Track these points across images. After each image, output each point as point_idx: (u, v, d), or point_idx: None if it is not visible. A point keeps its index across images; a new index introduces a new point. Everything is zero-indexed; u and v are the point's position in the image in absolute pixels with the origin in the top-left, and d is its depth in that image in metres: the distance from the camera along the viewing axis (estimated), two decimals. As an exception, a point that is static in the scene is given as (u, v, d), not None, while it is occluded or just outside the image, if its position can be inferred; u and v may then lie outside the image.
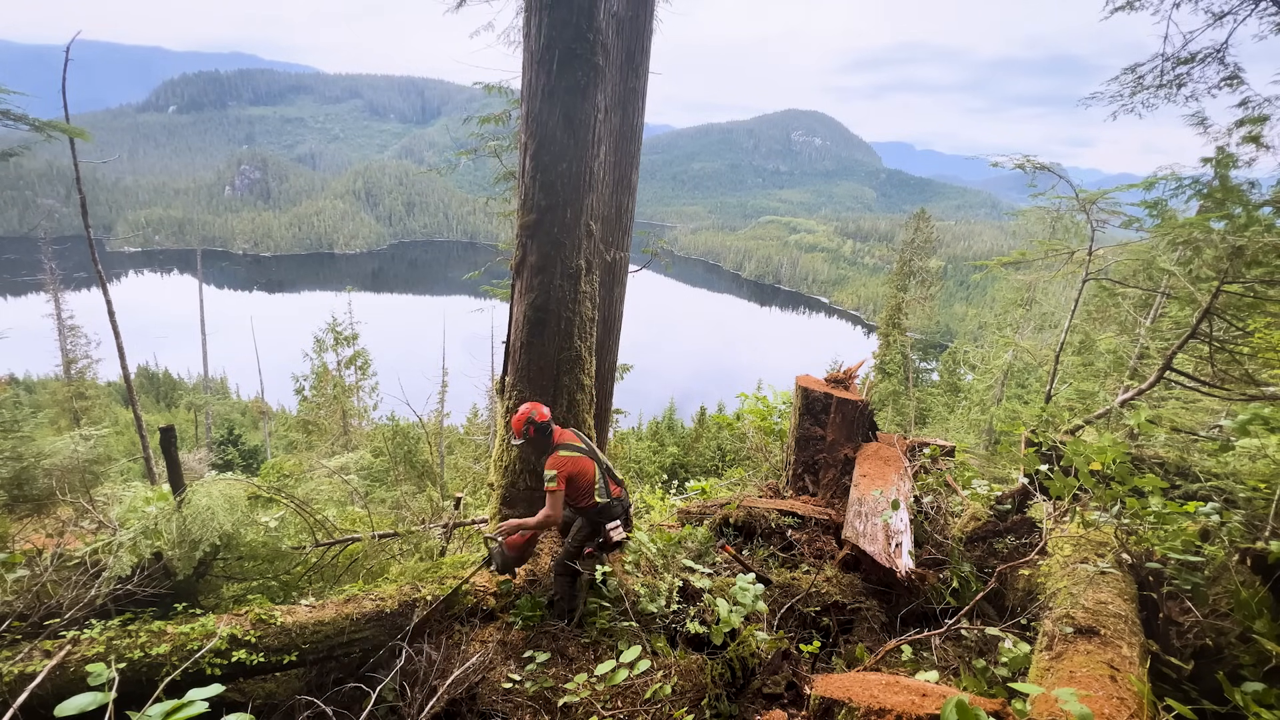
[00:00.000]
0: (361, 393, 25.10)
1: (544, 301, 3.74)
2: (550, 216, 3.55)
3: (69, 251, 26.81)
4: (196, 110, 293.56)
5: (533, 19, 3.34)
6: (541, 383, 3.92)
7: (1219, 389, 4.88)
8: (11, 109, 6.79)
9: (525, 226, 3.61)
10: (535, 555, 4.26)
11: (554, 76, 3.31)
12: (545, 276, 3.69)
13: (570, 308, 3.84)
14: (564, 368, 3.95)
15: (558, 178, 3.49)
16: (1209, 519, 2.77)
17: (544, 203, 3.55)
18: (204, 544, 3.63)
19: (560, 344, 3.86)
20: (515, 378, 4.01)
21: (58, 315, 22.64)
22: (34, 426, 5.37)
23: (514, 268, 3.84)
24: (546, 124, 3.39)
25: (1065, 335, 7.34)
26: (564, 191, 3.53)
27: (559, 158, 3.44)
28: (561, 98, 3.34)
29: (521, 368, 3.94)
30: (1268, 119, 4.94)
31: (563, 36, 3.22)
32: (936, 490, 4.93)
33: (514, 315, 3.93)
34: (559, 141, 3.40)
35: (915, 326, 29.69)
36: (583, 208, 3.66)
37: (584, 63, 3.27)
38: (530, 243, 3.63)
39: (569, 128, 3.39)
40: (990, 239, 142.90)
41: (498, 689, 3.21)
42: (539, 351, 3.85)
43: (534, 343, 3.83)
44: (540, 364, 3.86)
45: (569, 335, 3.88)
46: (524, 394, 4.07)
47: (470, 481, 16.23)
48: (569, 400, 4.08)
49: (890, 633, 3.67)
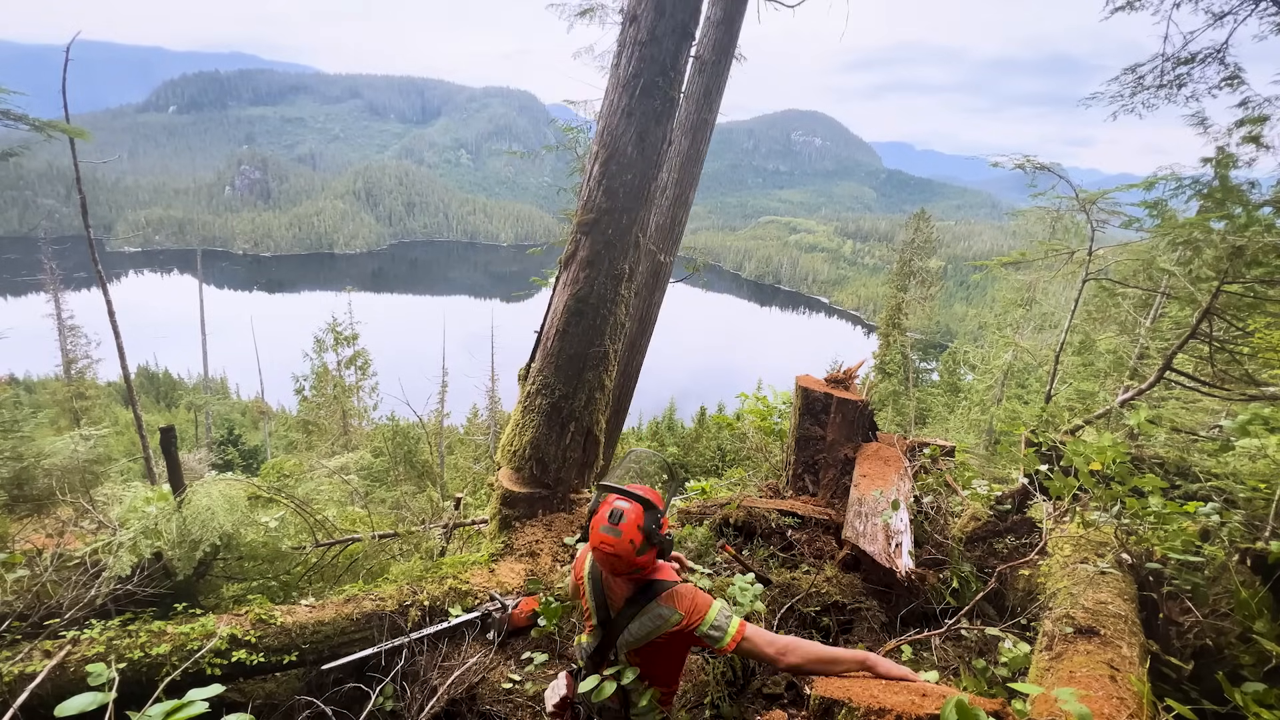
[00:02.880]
0: (361, 393, 25.11)
1: (587, 294, 3.95)
2: (607, 219, 3.85)
3: (69, 251, 26.83)
4: (196, 110, 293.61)
5: (625, 51, 3.78)
6: (568, 372, 4.02)
7: (1219, 389, 4.88)
8: (11, 109, 6.80)
9: (582, 224, 3.90)
10: (535, 555, 4.26)
11: (635, 100, 3.72)
12: (592, 271, 3.93)
13: (608, 306, 4.05)
14: (591, 363, 4.09)
15: (621, 186, 3.82)
16: (1209, 519, 2.77)
17: (604, 205, 3.86)
18: (204, 544, 3.63)
19: (592, 338, 4.02)
20: (543, 363, 4.11)
21: (58, 315, 22.65)
22: (34, 426, 5.37)
23: (563, 261, 4.04)
24: (620, 139, 3.77)
25: (1065, 335, 7.34)
26: (624, 200, 3.84)
27: (626, 169, 3.80)
28: (638, 119, 3.75)
29: (552, 354, 4.05)
30: (1268, 119, 4.94)
31: (649, 70, 3.69)
32: (936, 490, 4.93)
33: (553, 304, 4.10)
34: (628, 156, 3.78)
35: (915, 326, 29.70)
36: (637, 218, 3.96)
37: (663, 94, 3.74)
38: (584, 239, 3.90)
39: (640, 146, 3.78)
40: (990, 239, 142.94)
41: (498, 689, 3.21)
42: (572, 341, 4.00)
43: (570, 331, 3.99)
44: (571, 353, 4.01)
45: (601, 331, 4.06)
46: (549, 381, 4.12)
47: (470, 481, 16.24)
48: (588, 396, 4.16)
49: (890, 633, 3.67)
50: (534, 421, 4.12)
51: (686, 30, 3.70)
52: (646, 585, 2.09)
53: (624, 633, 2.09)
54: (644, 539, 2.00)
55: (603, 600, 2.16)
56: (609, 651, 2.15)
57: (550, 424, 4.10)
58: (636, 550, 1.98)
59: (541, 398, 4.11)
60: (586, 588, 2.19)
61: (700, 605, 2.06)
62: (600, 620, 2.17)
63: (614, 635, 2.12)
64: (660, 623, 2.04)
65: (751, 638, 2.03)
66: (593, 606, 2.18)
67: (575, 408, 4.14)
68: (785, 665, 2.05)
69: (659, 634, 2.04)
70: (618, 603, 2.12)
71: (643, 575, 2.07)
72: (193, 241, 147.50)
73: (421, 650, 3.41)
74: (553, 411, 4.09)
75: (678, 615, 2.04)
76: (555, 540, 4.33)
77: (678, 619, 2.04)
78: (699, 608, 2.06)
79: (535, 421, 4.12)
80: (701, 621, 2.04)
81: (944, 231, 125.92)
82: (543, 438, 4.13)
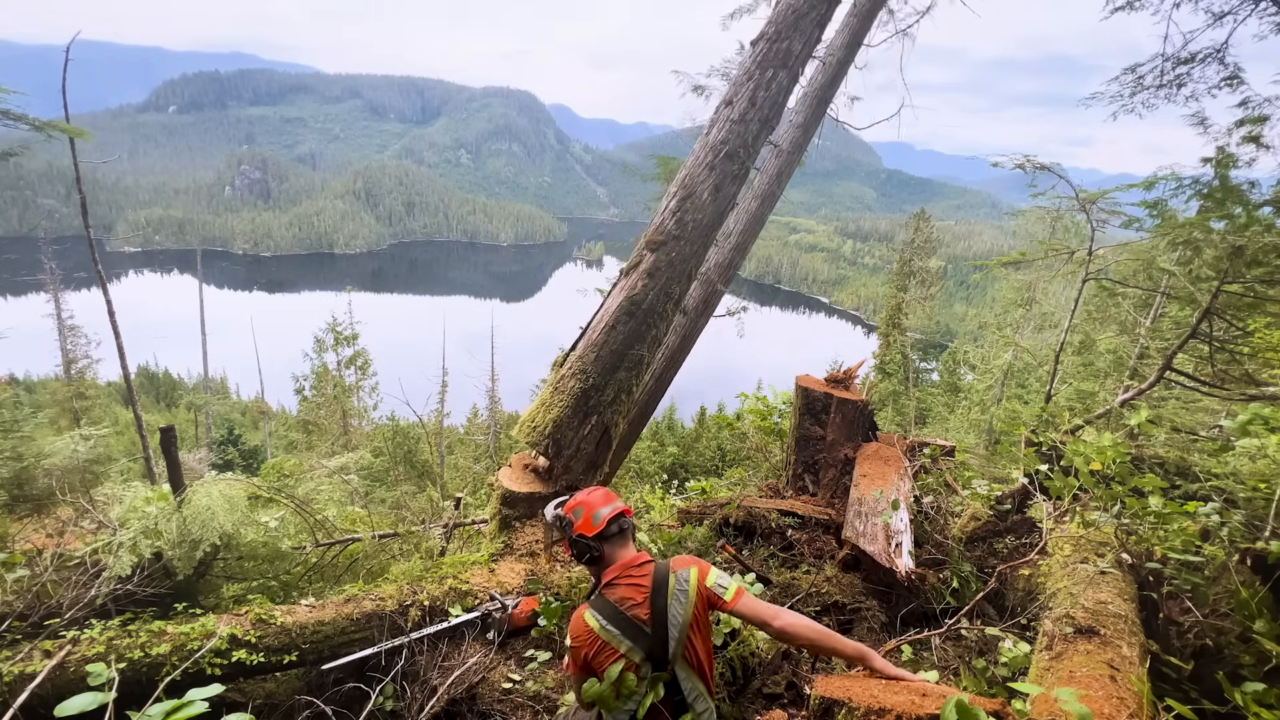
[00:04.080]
0: (361, 393, 25.11)
1: (641, 299, 4.35)
2: (673, 243, 4.40)
3: (69, 251, 26.83)
4: (196, 110, 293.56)
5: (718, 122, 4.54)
6: (605, 364, 4.29)
7: (1219, 389, 4.88)
8: (11, 109, 6.79)
9: (651, 242, 4.42)
10: (535, 555, 4.26)
11: (717, 160, 4.45)
12: (650, 282, 4.36)
13: (655, 317, 4.45)
14: (627, 364, 4.39)
15: (691, 221, 4.40)
16: (1209, 519, 2.77)
17: (674, 232, 4.40)
18: (204, 544, 3.63)
19: (634, 341, 4.36)
20: (584, 351, 4.35)
21: (58, 315, 22.65)
22: (34, 426, 5.37)
23: (624, 270, 4.47)
24: (699, 185, 4.44)
25: (1065, 335, 7.33)
26: (690, 234, 4.42)
27: (698, 210, 4.42)
28: (716, 175, 4.45)
29: (595, 345, 4.33)
30: (1268, 119, 4.94)
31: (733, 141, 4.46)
32: (936, 490, 4.93)
33: (606, 303, 4.45)
34: (702, 200, 4.42)
35: (915, 326, 29.71)
36: (695, 254, 4.52)
37: (739, 162, 4.49)
38: (649, 254, 4.40)
39: (714, 195, 4.45)
40: (990, 239, 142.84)
41: (498, 689, 3.21)
42: (617, 337, 4.32)
43: (617, 328, 4.33)
44: (613, 348, 4.31)
45: (643, 338, 4.42)
46: (585, 368, 4.31)
47: (470, 481, 16.24)
48: (616, 393, 4.40)
49: (890, 633, 3.67)
50: (561, 402, 4.26)
51: (768, 121, 4.60)
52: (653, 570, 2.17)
53: (670, 627, 2.07)
54: None
55: (630, 623, 2.08)
56: (666, 665, 2.08)
57: (575, 409, 4.25)
58: None
59: (575, 381, 4.29)
60: (609, 633, 2.08)
61: (699, 561, 2.21)
62: (643, 645, 2.06)
63: (665, 641, 2.07)
64: (688, 587, 2.11)
65: (748, 599, 2.15)
66: (628, 644, 2.06)
67: (602, 401, 4.34)
68: (779, 625, 2.09)
69: (695, 603, 2.09)
70: (643, 608, 2.09)
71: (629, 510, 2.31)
72: (193, 241, 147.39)
73: (421, 650, 3.41)
74: (581, 397, 4.27)
75: (694, 570, 2.15)
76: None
77: (696, 574, 2.14)
78: (699, 563, 2.20)
79: (563, 402, 4.26)
80: (709, 574, 2.16)
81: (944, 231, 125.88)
82: (565, 420, 4.25)
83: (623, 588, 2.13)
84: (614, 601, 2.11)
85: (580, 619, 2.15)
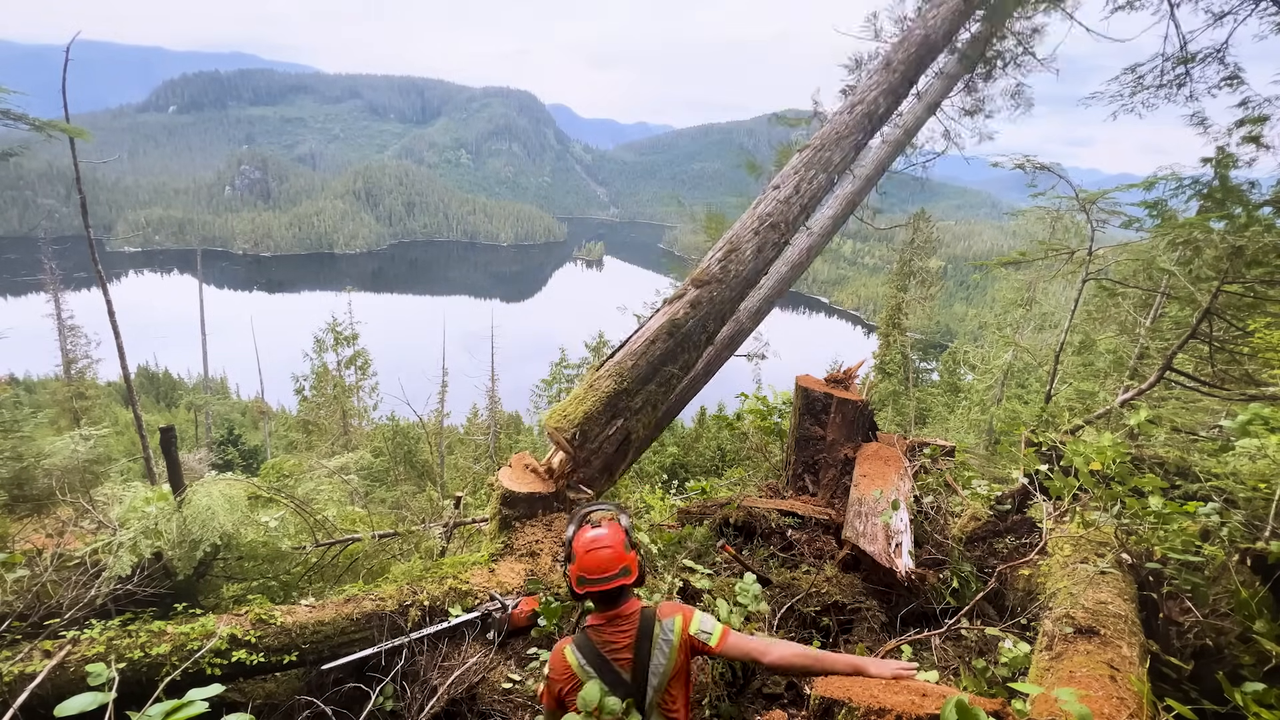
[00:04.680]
0: (361, 393, 25.12)
1: (682, 323, 4.79)
2: (716, 285, 4.96)
3: (69, 251, 26.81)
4: (196, 110, 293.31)
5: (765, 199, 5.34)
6: (639, 373, 4.63)
7: (1219, 389, 4.88)
8: (11, 109, 6.79)
9: (696, 279, 4.97)
10: (535, 555, 4.26)
11: (762, 227, 5.18)
12: (692, 311, 4.84)
13: (691, 343, 4.88)
14: (658, 379, 4.76)
15: (732, 271, 5.01)
16: (1209, 519, 2.77)
17: (718, 276, 4.96)
18: (204, 544, 3.63)
19: (668, 360, 4.77)
20: (623, 357, 4.69)
21: (58, 315, 22.65)
22: (34, 426, 5.36)
23: (668, 300, 4.97)
24: (743, 244, 5.11)
25: (1065, 335, 7.34)
26: (731, 281, 5.01)
27: (739, 264, 5.05)
28: (759, 239, 5.15)
29: (635, 354, 4.66)
30: (1268, 119, 4.94)
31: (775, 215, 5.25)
32: (936, 490, 4.93)
33: (649, 322, 4.89)
34: (744, 256, 5.09)
35: (915, 326, 29.67)
36: (733, 299, 5.13)
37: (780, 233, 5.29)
38: (693, 290, 4.92)
39: (755, 255, 5.14)
40: (990, 239, 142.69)
41: (497, 689, 3.21)
42: (655, 350, 4.70)
43: (657, 342, 4.72)
44: (650, 359, 4.67)
45: (676, 358, 4.83)
46: (622, 372, 4.58)
47: (470, 481, 16.23)
48: (642, 402, 4.73)
49: (890, 633, 3.67)
50: (594, 398, 4.57)
51: (806, 208, 5.51)
52: (639, 616, 2.10)
53: (650, 676, 2.05)
54: (625, 536, 2.16)
55: (610, 666, 2.06)
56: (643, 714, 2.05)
57: (605, 408, 4.56)
58: (625, 546, 2.12)
59: (610, 382, 4.60)
60: (587, 673, 2.05)
61: (684, 608, 2.16)
62: (620, 693, 2.02)
63: (643, 688, 2.05)
64: (672, 636, 2.07)
65: (735, 638, 2.13)
66: (606, 684, 2.01)
67: (630, 406, 4.65)
68: (771, 660, 2.07)
69: (677, 653, 2.06)
70: (626, 653, 2.06)
71: (628, 579, 2.11)
72: (193, 241, 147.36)
73: (421, 650, 3.41)
74: (613, 397, 4.57)
75: (679, 619, 2.11)
76: (555, 540, 4.33)
77: (681, 622, 2.10)
78: (685, 610, 2.15)
79: (595, 398, 4.57)
80: (692, 621, 2.12)
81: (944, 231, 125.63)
82: (595, 415, 4.52)
83: (609, 631, 2.10)
84: (597, 643, 2.08)
85: (561, 654, 2.12)
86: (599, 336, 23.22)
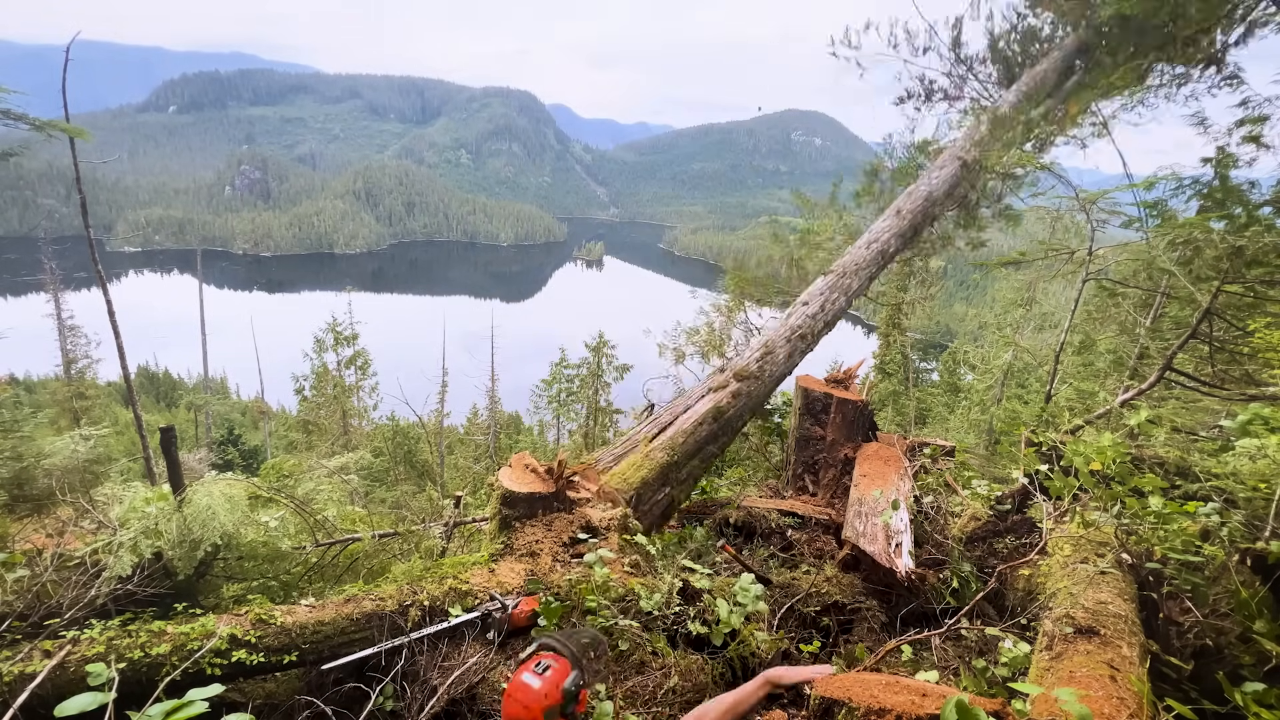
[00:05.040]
0: (361, 393, 25.11)
1: (725, 409, 5.44)
2: (754, 381, 5.68)
3: (69, 251, 26.81)
4: (196, 110, 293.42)
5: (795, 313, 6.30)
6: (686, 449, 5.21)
7: (1219, 389, 4.88)
8: (11, 109, 6.79)
9: (739, 374, 5.64)
10: (535, 555, 4.26)
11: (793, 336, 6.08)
12: (734, 400, 5.51)
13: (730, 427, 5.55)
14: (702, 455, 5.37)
15: (768, 371, 5.79)
16: (1209, 519, 2.77)
17: (756, 374, 5.70)
18: (204, 544, 3.63)
19: (711, 440, 5.38)
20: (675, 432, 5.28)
21: (58, 315, 22.65)
22: (34, 426, 5.36)
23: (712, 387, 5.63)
24: (776, 348, 5.93)
25: (1065, 335, 7.34)
26: (765, 378, 5.79)
27: (773, 365, 5.84)
28: (790, 345, 6.01)
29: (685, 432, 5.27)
30: (1268, 119, 4.95)
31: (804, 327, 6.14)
32: (936, 490, 4.93)
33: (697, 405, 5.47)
34: (778, 358, 5.90)
35: (915, 326, 29.62)
36: (767, 393, 5.92)
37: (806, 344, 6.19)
38: (735, 382, 5.59)
39: (786, 358, 5.98)
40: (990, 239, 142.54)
41: (498, 689, 3.21)
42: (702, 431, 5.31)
43: (704, 425, 5.34)
44: (696, 439, 5.27)
45: (717, 440, 5.47)
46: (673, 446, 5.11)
47: (470, 481, 16.24)
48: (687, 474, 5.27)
49: (890, 633, 3.67)
50: (649, 466, 5.07)
51: (830, 324, 6.49)
52: None
53: None
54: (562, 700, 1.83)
55: None
56: None
57: (658, 476, 5.05)
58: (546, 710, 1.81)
59: (664, 454, 5.12)
60: None
61: None
62: None
63: None
64: None
65: None
66: None
67: (677, 477, 5.17)
68: None
69: None
70: None
71: None
72: (193, 241, 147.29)
73: (421, 650, 3.41)
74: (665, 469, 5.08)
75: None
76: (555, 540, 4.33)
77: None
78: None
79: (650, 467, 5.08)
80: None
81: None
82: (649, 483, 4.99)
83: None
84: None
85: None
86: (599, 336, 23.19)
